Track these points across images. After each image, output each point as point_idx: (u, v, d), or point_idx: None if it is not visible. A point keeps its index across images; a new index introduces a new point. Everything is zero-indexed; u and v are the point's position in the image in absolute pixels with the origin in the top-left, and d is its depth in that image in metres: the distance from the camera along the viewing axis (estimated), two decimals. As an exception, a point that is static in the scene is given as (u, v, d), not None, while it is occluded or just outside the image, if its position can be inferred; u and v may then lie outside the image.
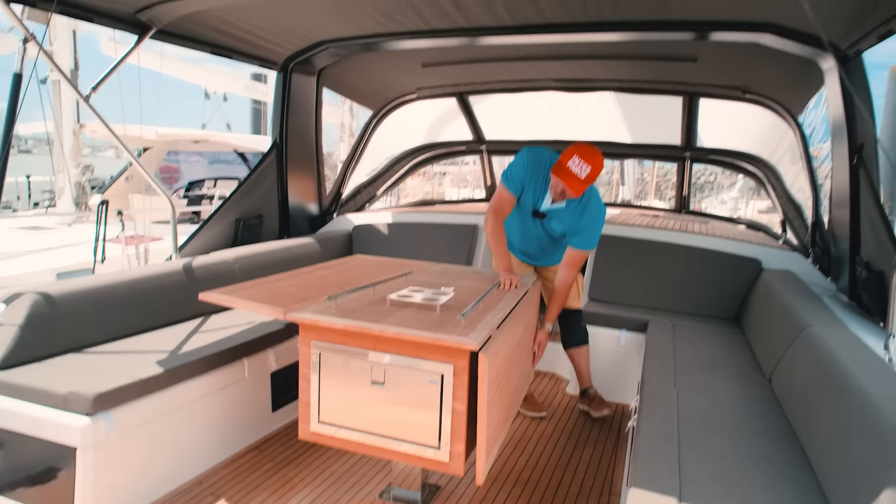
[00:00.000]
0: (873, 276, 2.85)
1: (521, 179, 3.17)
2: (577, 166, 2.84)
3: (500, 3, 3.14)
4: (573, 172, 2.85)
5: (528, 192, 3.21)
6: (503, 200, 3.22)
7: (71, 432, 2.32)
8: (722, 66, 4.18)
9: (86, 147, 10.30)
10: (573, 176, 2.86)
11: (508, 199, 3.21)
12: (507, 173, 3.20)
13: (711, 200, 21.24)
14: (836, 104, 3.14)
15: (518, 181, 3.18)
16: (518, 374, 2.79)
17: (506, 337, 2.39)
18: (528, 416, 3.66)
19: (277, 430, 3.39)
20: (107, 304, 3.03)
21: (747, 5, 2.92)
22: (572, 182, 2.87)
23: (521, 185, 3.19)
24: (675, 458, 2.02)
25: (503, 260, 3.16)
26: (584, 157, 2.85)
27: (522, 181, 3.17)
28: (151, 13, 3.27)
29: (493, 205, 3.24)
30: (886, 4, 2.43)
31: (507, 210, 3.24)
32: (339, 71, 4.80)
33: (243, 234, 4.39)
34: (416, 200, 7.22)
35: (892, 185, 11.57)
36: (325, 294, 2.58)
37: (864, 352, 2.24)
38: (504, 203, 3.23)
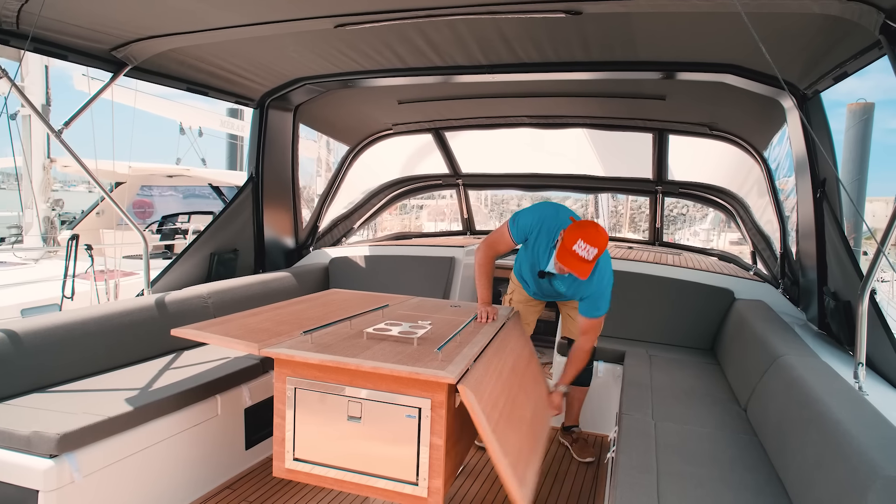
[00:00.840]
0: (840, 305, 2.92)
1: (527, 233, 3.05)
2: (583, 250, 2.64)
3: (473, 43, 3.22)
4: (580, 256, 2.64)
5: (529, 250, 3.11)
6: (502, 241, 3.12)
7: (33, 475, 2.23)
8: (689, 103, 4.32)
9: (56, 182, 10.14)
10: (579, 259, 2.65)
11: (507, 243, 3.11)
12: (516, 219, 3.07)
13: (685, 232, 21.67)
14: (798, 141, 3.26)
15: (524, 233, 3.06)
16: (531, 404, 2.71)
17: (490, 368, 2.37)
18: None
19: (251, 468, 3.30)
20: (74, 342, 2.95)
21: (710, 47, 3.05)
22: (579, 266, 2.66)
23: (524, 237, 3.08)
24: (653, 489, 2.02)
25: (483, 293, 3.14)
26: (589, 241, 2.64)
27: (528, 235, 3.06)
28: (127, 51, 3.28)
29: (491, 239, 3.14)
30: (840, 49, 2.57)
31: (503, 251, 3.17)
32: (316, 107, 4.84)
33: (218, 268, 4.34)
34: (392, 233, 7.23)
35: (856, 217, 11.93)
36: (300, 328, 2.55)
37: (835, 380, 2.29)
38: (502, 244, 3.13)
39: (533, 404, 2.73)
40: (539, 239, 3.02)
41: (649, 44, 3.08)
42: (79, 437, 2.33)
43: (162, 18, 2.89)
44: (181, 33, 3.08)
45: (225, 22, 2.93)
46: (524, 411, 2.53)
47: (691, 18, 2.66)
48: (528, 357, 3.06)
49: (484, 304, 3.12)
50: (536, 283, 3.25)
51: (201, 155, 15.23)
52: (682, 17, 2.66)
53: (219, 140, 18.12)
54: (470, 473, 3.33)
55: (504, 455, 2.03)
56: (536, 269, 3.13)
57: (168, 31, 3.06)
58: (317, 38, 3.27)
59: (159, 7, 2.72)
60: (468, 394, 2.01)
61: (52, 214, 9.48)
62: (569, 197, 36.53)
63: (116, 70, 3.44)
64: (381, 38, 3.20)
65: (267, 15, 2.84)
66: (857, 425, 1.80)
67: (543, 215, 3.00)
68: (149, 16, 2.85)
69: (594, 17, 2.70)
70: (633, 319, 4.21)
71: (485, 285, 3.16)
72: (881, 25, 2.14)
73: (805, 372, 2.36)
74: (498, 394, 2.28)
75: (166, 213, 12.17)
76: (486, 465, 3.43)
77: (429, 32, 3.09)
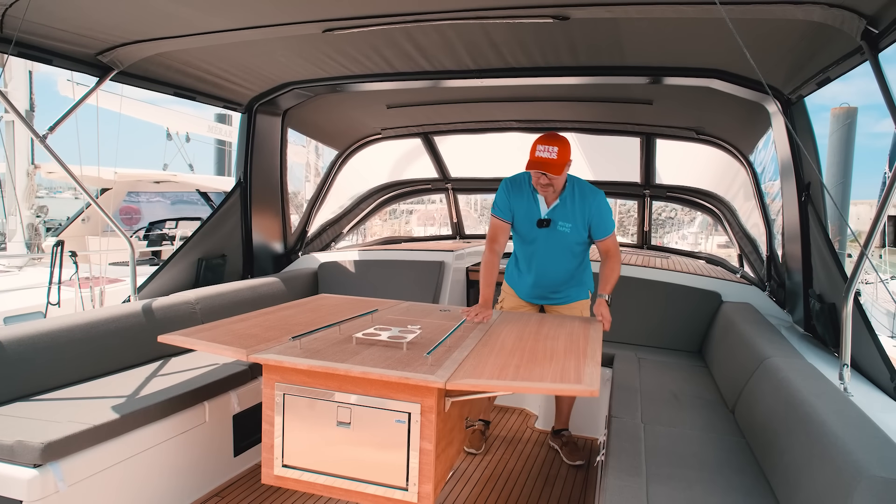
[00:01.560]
0: (826, 307, 2.95)
1: (507, 202, 3.23)
2: (543, 151, 2.94)
3: (462, 47, 3.23)
4: (544, 158, 2.93)
5: (520, 212, 3.22)
6: (495, 229, 3.26)
7: (17, 485, 2.20)
8: (676, 108, 4.36)
9: (42, 188, 10.04)
10: (545, 161, 2.93)
11: (500, 227, 3.25)
12: (494, 204, 3.27)
13: (673, 235, 21.79)
14: (783, 145, 3.30)
15: (504, 206, 3.23)
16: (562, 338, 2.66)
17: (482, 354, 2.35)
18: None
19: (240, 475, 3.27)
20: (59, 349, 2.92)
21: (696, 53, 3.08)
22: (547, 165, 2.92)
23: (508, 209, 3.23)
24: (643, 492, 2.02)
25: (482, 290, 3.18)
26: (547, 142, 2.95)
27: (509, 204, 3.23)
28: (113, 55, 3.26)
29: (488, 236, 3.27)
30: (823, 54, 2.60)
31: (501, 238, 3.25)
32: (304, 112, 4.83)
33: (205, 273, 4.31)
34: (381, 238, 7.22)
35: (840, 220, 12.03)
36: (289, 334, 2.54)
37: (821, 382, 2.31)
38: (496, 231, 3.25)
39: (566, 335, 2.68)
40: (518, 196, 3.21)
41: (636, 49, 3.11)
42: (63, 446, 2.30)
43: (149, 22, 2.87)
44: (168, 37, 3.07)
45: (213, 26, 2.91)
46: (555, 345, 2.50)
47: (677, 24, 2.69)
48: (535, 322, 2.99)
49: (480, 303, 3.12)
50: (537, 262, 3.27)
51: (189, 160, 15.13)
52: (668, 23, 2.68)
53: (207, 146, 18.01)
54: (460, 478, 3.33)
55: (541, 381, 2.03)
56: (535, 224, 3.20)
57: (155, 35, 3.05)
58: (305, 43, 3.27)
59: (146, 11, 2.71)
60: (463, 381, 2.00)
61: (36, 221, 9.38)
62: (557, 201, 36.74)
63: (102, 75, 3.41)
64: (370, 42, 3.20)
65: (255, 19, 2.84)
66: (842, 426, 1.82)
67: (507, 180, 3.27)
68: (135, 20, 2.83)
69: (581, 22, 2.72)
70: (622, 322, 4.21)
71: (486, 284, 3.18)
72: (863, 31, 2.18)
73: (791, 374, 2.38)
74: (504, 360, 2.26)
75: (153, 220, 12.07)
76: (476, 470, 3.43)
77: (417, 37, 3.10)
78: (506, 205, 3.23)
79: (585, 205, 3.13)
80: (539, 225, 3.18)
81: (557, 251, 3.23)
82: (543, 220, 3.17)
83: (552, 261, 3.27)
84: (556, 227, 3.16)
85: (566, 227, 3.16)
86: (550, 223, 3.16)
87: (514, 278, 3.47)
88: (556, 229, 3.17)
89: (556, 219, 3.16)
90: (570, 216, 3.15)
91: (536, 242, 3.24)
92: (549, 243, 3.22)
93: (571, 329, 2.81)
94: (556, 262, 3.28)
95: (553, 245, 3.22)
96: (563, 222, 3.16)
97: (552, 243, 3.22)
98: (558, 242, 3.20)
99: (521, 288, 3.43)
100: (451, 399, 2.24)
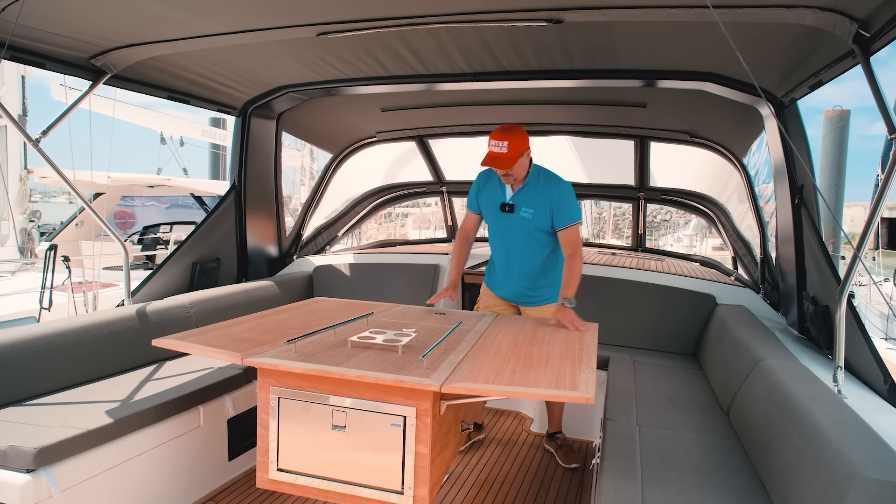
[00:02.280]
0: (819, 310, 2.97)
1: (476, 194, 3.43)
2: (496, 147, 3.05)
3: (456, 51, 3.24)
4: (495, 153, 3.06)
5: (488, 201, 3.36)
6: (465, 219, 3.52)
7: (9, 490, 2.18)
8: (670, 111, 4.38)
9: (36, 193, 10.01)
10: (496, 156, 3.05)
11: (470, 217, 3.49)
12: (467, 199, 3.50)
13: (668, 238, 21.86)
14: (776, 148, 3.32)
15: (474, 198, 3.45)
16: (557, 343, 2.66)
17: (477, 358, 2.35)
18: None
19: (234, 479, 3.25)
20: (52, 354, 2.90)
21: (690, 56, 3.10)
22: (498, 160, 3.04)
23: (476, 200, 3.44)
24: (638, 495, 2.02)
25: (451, 275, 3.42)
26: (498, 137, 3.06)
27: (477, 195, 3.43)
28: (106, 59, 3.25)
29: (460, 226, 3.54)
30: (815, 58, 2.62)
31: (470, 227, 3.49)
32: (299, 115, 4.83)
33: (200, 277, 4.29)
34: (377, 241, 7.21)
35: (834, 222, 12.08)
36: (284, 338, 2.53)
37: (815, 384, 2.32)
38: (466, 221, 3.51)
39: (561, 340, 2.69)
40: (487, 186, 3.38)
41: (630, 52, 3.12)
42: (57, 451, 2.29)
43: (142, 26, 2.87)
44: (162, 41, 3.06)
45: (206, 30, 2.91)
46: (551, 350, 2.50)
47: (670, 27, 2.70)
48: (531, 326, 3.00)
49: (449, 285, 3.33)
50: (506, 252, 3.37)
51: (183, 165, 15.10)
52: (661, 27, 2.70)
53: (201, 149, 17.98)
54: (456, 481, 3.32)
55: (536, 387, 2.03)
56: (501, 218, 3.32)
57: (148, 38, 3.04)
58: (299, 47, 3.27)
59: (139, 15, 2.70)
60: (458, 385, 2.01)
61: (29, 226, 9.34)
62: (553, 204, 36.83)
63: (95, 78, 3.40)
64: (364, 46, 3.21)
65: (249, 23, 2.83)
66: (836, 428, 1.83)
67: (481, 173, 3.44)
68: (129, 23, 2.83)
69: (575, 25, 2.74)
70: (617, 325, 4.24)
71: (454, 266, 3.41)
72: (854, 35, 2.19)
73: (785, 376, 2.39)
74: (500, 365, 2.26)
75: (148, 224, 12.04)
76: (471, 473, 3.42)
77: (411, 40, 3.10)
78: (475, 198, 3.45)
79: (548, 192, 3.20)
80: (502, 209, 3.30)
81: (522, 237, 3.31)
82: (507, 204, 3.29)
83: (518, 247, 3.35)
84: (518, 212, 3.27)
85: (528, 212, 3.24)
86: (514, 208, 3.27)
87: (490, 278, 3.59)
88: (518, 214, 3.27)
89: (519, 204, 3.26)
90: (532, 202, 3.23)
91: (501, 228, 3.36)
92: (512, 229, 3.32)
93: (567, 334, 2.82)
94: (523, 249, 3.33)
95: (517, 231, 3.31)
96: (526, 208, 3.25)
97: (516, 229, 3.30)
98: (522, 228, 3.28)
99: (497, 285, 3.52)
100: (446, 402, 2.24)
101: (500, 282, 3.48)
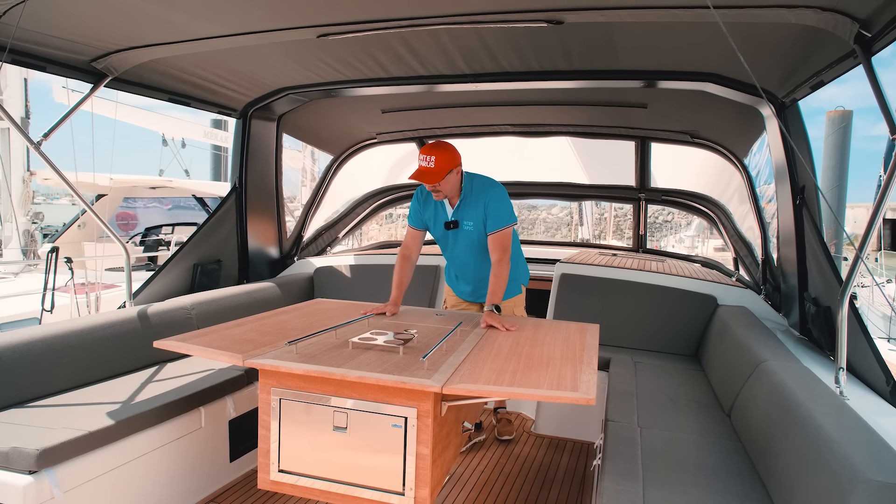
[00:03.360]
0: (821, 311, 2.96)
1: (418, 211, 3.39)
2: (424, 161, 3.05)
3: (456, 52, 3.24)
4: (423, 168, 3.05)
5: (430, 218, 3.37)
6: (408, 237, 3.43)
7: (12, 492, 2.19)
8: (670, 112, 4.37)
9: (39, 195, 10.04)
10: (423, 170, 3.04)
11: (412, 235, 3.41)
12: (409, 214, 3.45)
13: (670, 239, 21.84)
14: (777, 148, 3.31)
15: (416, 215, 3.39)
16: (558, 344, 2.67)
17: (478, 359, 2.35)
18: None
19: (236, 480, 3.25)
20: (54, 355, 2.91)
21: (690, 56, 3.10)
22: (425, 174, 3.03)
23: (419, 218, 3.38)
24: (639, 497, 2.02)
25: (393, 293, 3.28)
26: (427, 152, 3.06)
27: (419, 213, 3.38)
28: (107, 62, 3.25)
29: (402, 244, 3.44)
30: (817, 58, 2.62)
31: (413, 246, 3.39)
32: (299, 117, 4.83)
33: (201, 279, 4.30)
34: (377, 242, 7.22)
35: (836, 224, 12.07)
36: (285, 339, 2.54)
37: (817, 385, 2.31)
38: (409, 239, 3.41)
39: (562, 341, 2.69)
40: (425, 205, 3.37)
41: (630, 53, 3.12)
42: (59, 453, 2.29)
43: (143, 29, 2.87)
44: (162, 44, 3.07)
45: (206, 32, 2.92)
46: (552, 351, 2.51)
47: (671, 28, 2.70)
48: (532, 327, 2.99)
49: (389, 301, 3.24)
50: (458, 261, 3.43)
51: (185, 166, 15.13)
52: (662, 27, 2.70)
53: (203, 151, 18.01)
54: (457, 482, 3.32)
55: (537, 388, 2.03)
56: (447, 234, 3.35)
57: (149, 41, 3.05)
58: (299, 48, 3.27)
59: (140, 17, 2.71)
60: (459, 386, 2.01)
61: (32, 227, 9.37)
62: (555, 205, 36.78)
63: (97, 81, 3.41)
64: (364, 47, 3.21)
65: (249, 25, 2.84)
66: (838, 430, 1.82)
67: (418, 190, 3.42)
68: (129, 26, 2.83)
69: (575, 26, 2.74)
70: (618, 326, 4.23)
71: (394, 284, 3.30)
72: (855, 35, 2.19)
73: (787, 377, 2.39)
74: (501, 366, 2.26)
75: (150, 225, 12.06)
76: (472, 474, 3.42)
77: (411, 42, 3.11)
78: (418, 214, 3.38)
79: (480, 199, 3.21)
80: (447, 227, 3.32)
81: (470, 250, 3.36)
82: (450, 222, 3.31)
83: (470, 260, 3.40)
84: (462, 227, 3.30)
85: (469, 224, 3.28)
86: (458, 224, 3.30)
87: (451, 281, 3.68)
88: (462, 229, 3.30)
89: (462, 219, 3.29)
90: (471, 214, 3.26)
91: (449, 245, 3.41)
92: (460, 244, 3.36)
93: (567, 335, 2.82)
94: (475, 261, 3.39)
95: (465, 245, 3.35)
96: (467, 221, 3.28)
97: (463, 243, 3.35)
98: (468, 241, 3.33)
99: (458, 289, 3.64)
100: (447, 403, 2.24)
101: (460, 286, 3.61)
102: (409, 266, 3.35)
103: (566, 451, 3.78)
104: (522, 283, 3.59)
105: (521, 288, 3.59)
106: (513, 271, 3.36)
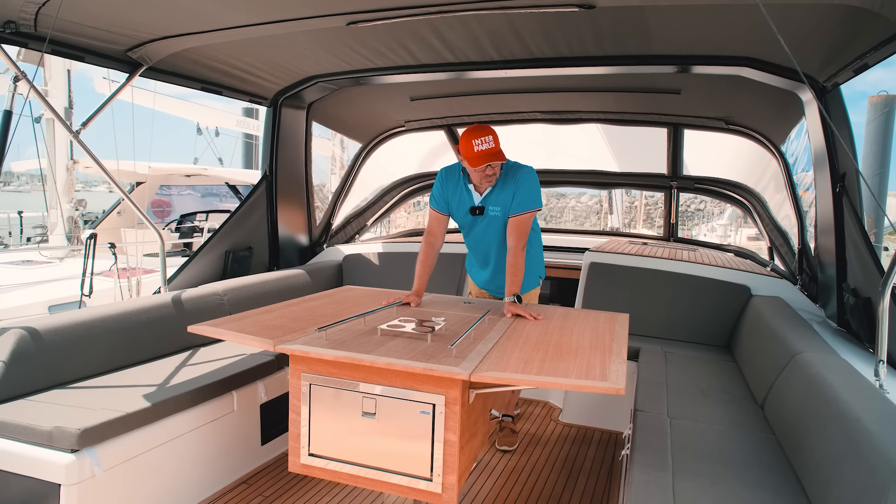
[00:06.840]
0: (860, 302, 2.87)
1: (442, 194, 3.25)
2: (482, 144, 2.93)
3: (486, 38, 3.21)
4: (484, 150, 2.93)
5: (456, 204, 3.25)
6: (431, 220, 3.30)
7: (55, 469, 2.28)
8: (705, 97, 4.27)
9: (78, 182, 10.33)
10: (486, 152, 2.93)
11: (436, 218, 3.28)
12: (431, 196, 3.32)
13: (702, 228, 21.43)
14: (817, 135, 3.21)
15: (440, 198, 3.26)
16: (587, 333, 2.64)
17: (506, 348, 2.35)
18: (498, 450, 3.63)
19: (267, 463, 3.33)
20: (93, 339, 3.00)
21: (727, 40, 3.01)
22: (493, 155, 2.92)
23: (444, 201, 3.25)
24: (669, 487, 2.00)
25: (416, 283, 3.18)
26: (481, 134, 2.94)
27: (444, 196, 3.25)
28: (142, 51, 3.32)
29: (426, 229, 3.31)
30: (860, 40, 2.52)
31: (437, 230, 3.27)
32: (329, 105, 4.86)
33: (233, 265, 4.38)
34: (406, 230, 7.24)
35: (877, 212, 11.70)
36: (315, 325, 2.57)
37: (855, 378, 2.25)
38: (432, 223, 3.28)
39: (591, 330, 2.67)
40: (452, 189, 3.23)
41: (664, 37, 3.05)
42: (99, 433, 2.37)
43: (176, 19, 2.92)
44: (195, 33, 3.11)
45: (237, 21, 2.95)
46: (580, 340, 2.49)
47: (707, 11, 2.63)
48: (560, 316, 2.96)
49: (412, 291, 3.14)
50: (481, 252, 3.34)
51: (218, 154, 15.37)
52: (697, 10, 2.63)
53: (235, 139, 18.29)
54: (484, 469, 3.33)
55: (566, 377, 2.02)
56: (471, 220, 3.23)
57: (182, 31, 3.09)
58: (329, 36, 3.28)
59: (173, 7, 2.75)
60: (487, 374, 2.01)
61: (75, 214, 9.65)
62: (584, 193, 36.30)
63: (132, 71, 3.48)
64: (393, 35, 3.20)
65: (279, 14, 2.86)
66: (877, 424, 1.77)
67: (442, 171, 3.28)
68: (163, 16, 2.88)
69: (607, 10, 2.68)
70: (648, 316, 4.18)
71: (417, 274, 3.19)
72: None
73: (824, 369, 2.33)
74: (529, 354, 2.26)
75: (184, 212, 12.31)
76: (500, 462, 3.43)
77: (441, 29, 3.09)
78: (442, 196, 3.25)
79: (511, 183, 3.10)
80: (472, 213, 3.22)
81: (495, 236, 3.25)
82: (476, 207, 3.20)
83: (494, 246, 3.29)
84: (487, 212, 3.19)
85: (496, 210, 3.17)
86: (483, 211, 3.19)
87: (472, 270, 3.59)
88: (488, 215, 3.20)
89: (488, 204, 3.18)
90: (501, 199, 3.14)
91: (473, 231, 3.30)
92: (485, 230, 3.25)
93: (597, 324, 2.79)
94: (499, 247, 3.27)
95: (490, 230, 3.24)
96: (494, 206, 3.17)
97: (488, 229, 3.24)
98: (492, 227, 3.22)
99: (478, 278, 3.55)
100: (475, 391, 2.24)
101: (480, 276, 3.51)
102: (433, 254, 3.24)
103: (594, 441, 3.77)
104: (540, 275, 3.50)
105: (539, 280, 3.50)
106: (530, 262, 3.27)
